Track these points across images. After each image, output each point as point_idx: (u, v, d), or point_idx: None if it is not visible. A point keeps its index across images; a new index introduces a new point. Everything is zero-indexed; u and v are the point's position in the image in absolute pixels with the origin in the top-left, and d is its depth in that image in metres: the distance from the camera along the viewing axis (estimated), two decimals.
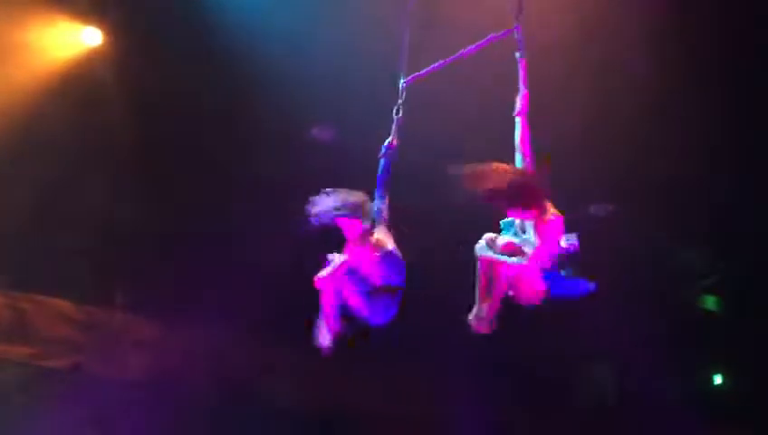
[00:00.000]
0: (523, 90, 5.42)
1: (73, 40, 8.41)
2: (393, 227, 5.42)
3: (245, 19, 8.00)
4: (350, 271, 5.07)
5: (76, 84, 8.40)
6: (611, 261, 9.60)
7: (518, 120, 5.35)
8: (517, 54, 5.51)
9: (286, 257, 8.58)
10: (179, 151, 8.75)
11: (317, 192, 5.38)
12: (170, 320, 9.14)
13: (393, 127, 5.72)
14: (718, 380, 11.08)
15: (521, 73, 5.46)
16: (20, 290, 8.70)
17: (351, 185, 5.54)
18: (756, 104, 8.30)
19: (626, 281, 9.76)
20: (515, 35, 5.54)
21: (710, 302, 10.97)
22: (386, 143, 5.66)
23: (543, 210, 4.99)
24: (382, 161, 5.63)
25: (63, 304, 8.88)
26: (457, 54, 5.82)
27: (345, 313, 5.19)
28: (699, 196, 9.24)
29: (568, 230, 5.21)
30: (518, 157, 5.25)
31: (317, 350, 5.33)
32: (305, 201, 5.36)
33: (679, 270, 10.60)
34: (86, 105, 8.48)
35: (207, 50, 8.29)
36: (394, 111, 5.75)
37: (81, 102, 8.45)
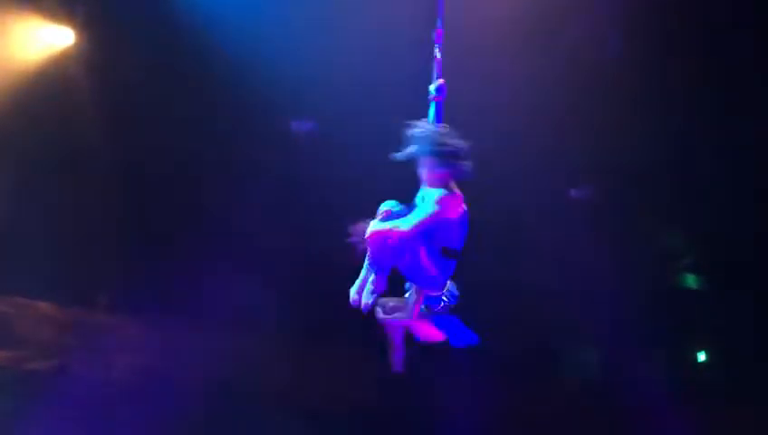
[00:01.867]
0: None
1: (44, 39, 8.35)
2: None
3: (218, 15, 7.98)
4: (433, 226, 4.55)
5: (48, 83, 8.33)
6: (593, 243, 9.69)
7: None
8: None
9: (272, 254, 8.62)
10: (160, 149, 8.70)
11: (301, 185, 5.30)
12: (154, 319, 9.10)
13: (434, 70, 5.17)
14: (702, 357, 11.14)
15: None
16: (1, 294, 8.63)
17: (337, 177, 5.54)
18: (732, 84, 8.37)
19: (607, 261, 9.83)
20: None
21: (690, 280, 11.05)
22: (435, 85, 5.09)
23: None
24: (433, 105, 5.09)
25: (46, 307, 8.82)
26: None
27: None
28: (676, 175, 9.32)
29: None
30: None
31: (304, 348, 5.30)
32: (288, 196, 5.30)
33: (658, 249, 10.67)
34: (60, 104, 8.42)
35: (181, 47, 8.26)
36: (435, 52, 5.24)
37: (55, 101, 8.39)
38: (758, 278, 10.11)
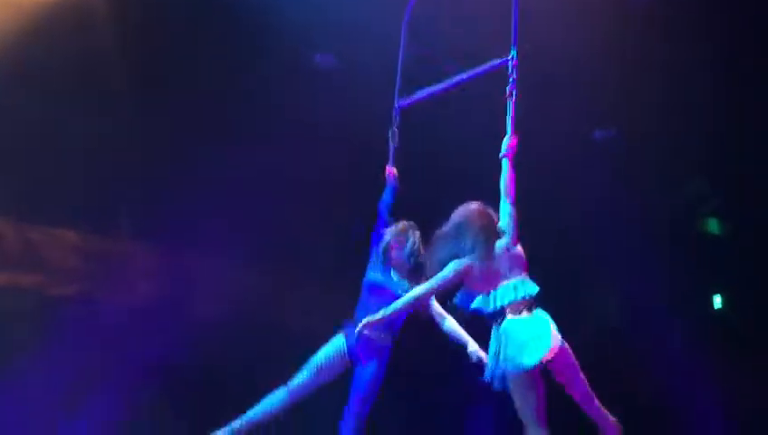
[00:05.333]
0: (511, 134, 4.92)
1: None
2: None
3: None
4: None
5: (67, 11, 8.27)
6: (612, 186, 9.67)
7: (505, 162, 4.86)
8: (507, 90, 5.02)
9: (293, 182, 8.64)
10: (181, 75, 8.67)
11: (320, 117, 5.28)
12: (178, 247, 9.21)
13: (390, 154, 5.54)
14: (718, 301, 11.13)
15: (510, 113, 4.95)
16: (27, 222, 8.75)
17: (354, 112, 5.54)
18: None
19: (626, 205, 9.81)
20: (510, 66, 5.08)
21: (712, 225, 11.00)
22: (387, 172, 5.49)
23: None
24: (386, 190, 5.47)
25: (71, 235, 8.94)
26: (454, 81, 5.64)
27: None
28: (698, 119, 9.24)
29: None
30: (503, 200, 4.87)
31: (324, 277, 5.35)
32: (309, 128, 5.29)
33: (680, 193, 10.61)
34: (81, 31, 8.34)
35: None
36: (389, 137, 5.52)
37: (76, 29, 8.30)
38: None
